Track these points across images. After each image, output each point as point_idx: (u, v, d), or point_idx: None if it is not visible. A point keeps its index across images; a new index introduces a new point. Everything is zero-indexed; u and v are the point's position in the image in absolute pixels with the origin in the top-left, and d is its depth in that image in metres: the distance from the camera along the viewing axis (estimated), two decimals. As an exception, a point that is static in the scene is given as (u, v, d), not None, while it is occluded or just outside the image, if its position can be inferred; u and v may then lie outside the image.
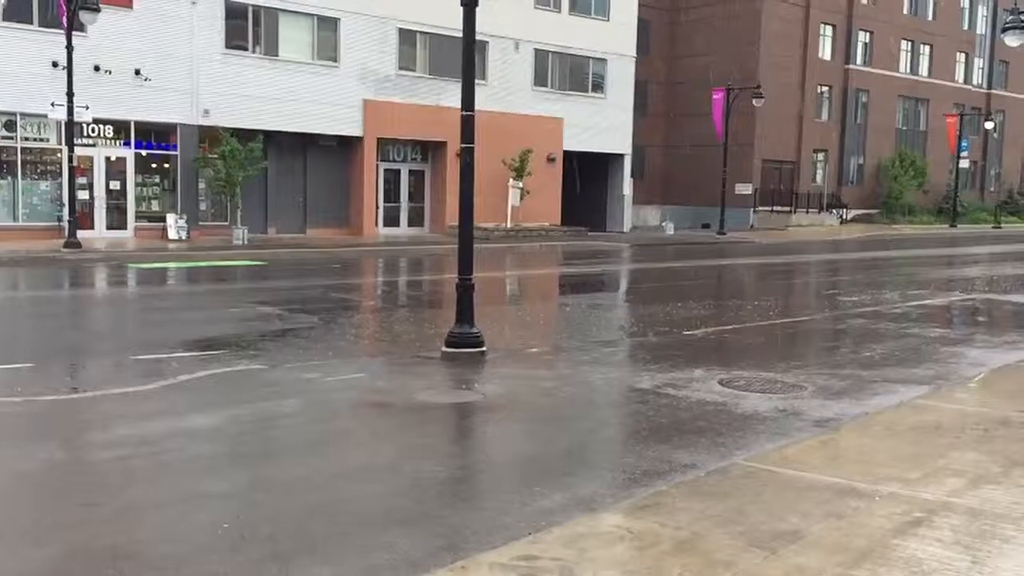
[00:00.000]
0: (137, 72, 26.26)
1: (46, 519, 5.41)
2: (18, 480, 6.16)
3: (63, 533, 5.17)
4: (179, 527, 5.27)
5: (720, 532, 4.83)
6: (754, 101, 39.59)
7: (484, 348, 10.51)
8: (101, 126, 26.32)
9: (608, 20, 37.48)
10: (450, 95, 28.60)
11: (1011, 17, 24.84)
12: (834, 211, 48.53)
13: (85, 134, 25.85)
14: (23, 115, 25.13)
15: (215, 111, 27.62)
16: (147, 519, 5.40)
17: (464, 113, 10.46)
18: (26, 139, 25.62)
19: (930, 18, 54.48)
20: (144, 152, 27.42)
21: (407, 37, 32.04)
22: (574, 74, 37.00)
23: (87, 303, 16.70)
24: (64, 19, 23.19)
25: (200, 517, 5.42)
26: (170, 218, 27.21)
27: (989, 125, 56.31)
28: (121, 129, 26.86)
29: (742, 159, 43.76)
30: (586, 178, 38.66)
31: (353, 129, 30.94)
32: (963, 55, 57.45)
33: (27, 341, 11.66)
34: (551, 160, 35.77)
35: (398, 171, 33.64)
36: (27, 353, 10.31)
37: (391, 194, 33.56)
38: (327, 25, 30.19)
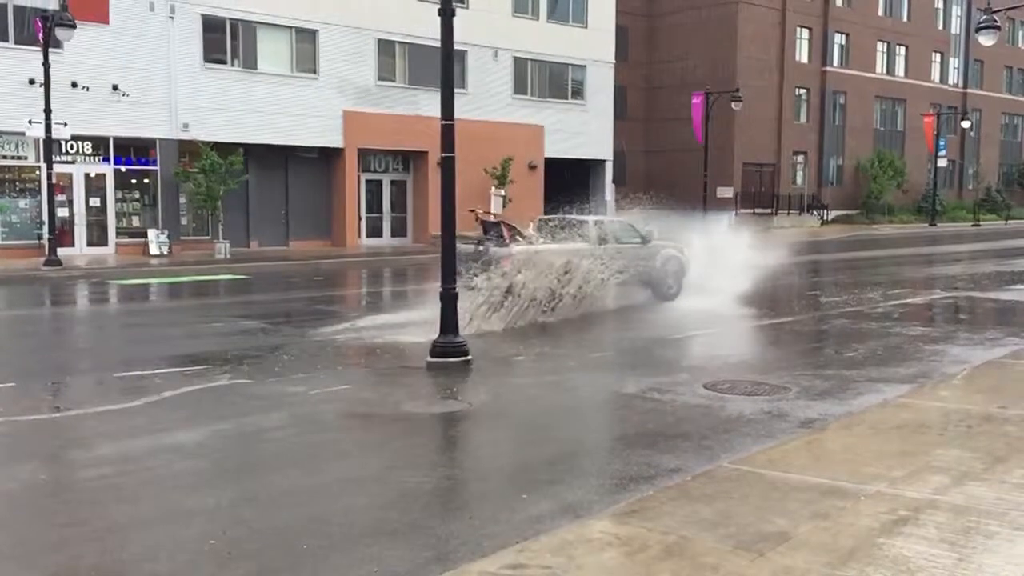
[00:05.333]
0: (115, 88, 26.11)
1: (30, 540, 5.36)
2: (1, 500, 6.10)
3: (47, 554, 5.12)
4: (165, 545, 5.24)
5: (707, 535, 4.84)
6: (733, 104, 39.79)
7: (469, 357, 10.51)
8: (80, 142, 26.16)
9: (586, 27, 37.61)
10: (430, 104, 28.58)
11: (985, 17, 25.11)
12: (815, 212, 48.81)
13: (64, 151, 25.69)
14: (0, 133, 24.94)
15: (194, 125, 27.51)
16: (132, 537, 5.36)
17: (444, 122, 10.48)
18: (4, 157, 25.42)
19: (905, 19, 54.96)
20: (124, 168, 27.27)
21: (386, 48, 32.04)
22: (553, 81, 37.09)
23: (69, 321, 16.57)
24: (40, 36, 23.04)
25: (186, 534, 5.39)
26: (151, 233, 27.07)
27: (966, 124, 56.76)
28: (100, 145, 26.70)
29: (723, 162, 43.97)
30: (567, 184, 38.68)
31: (333, 140, 30.88)
32: (938, 55, 57.96)
33: (8, 361, 11.56)
34: (532, 167, 35.83)
35: (380, 181, 33.61)
36: (8, 373, 10.22)
37: (373, 205, 33.51)
38: (305, 37, 30.14)
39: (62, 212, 25.41)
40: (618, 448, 7.35)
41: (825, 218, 48.79)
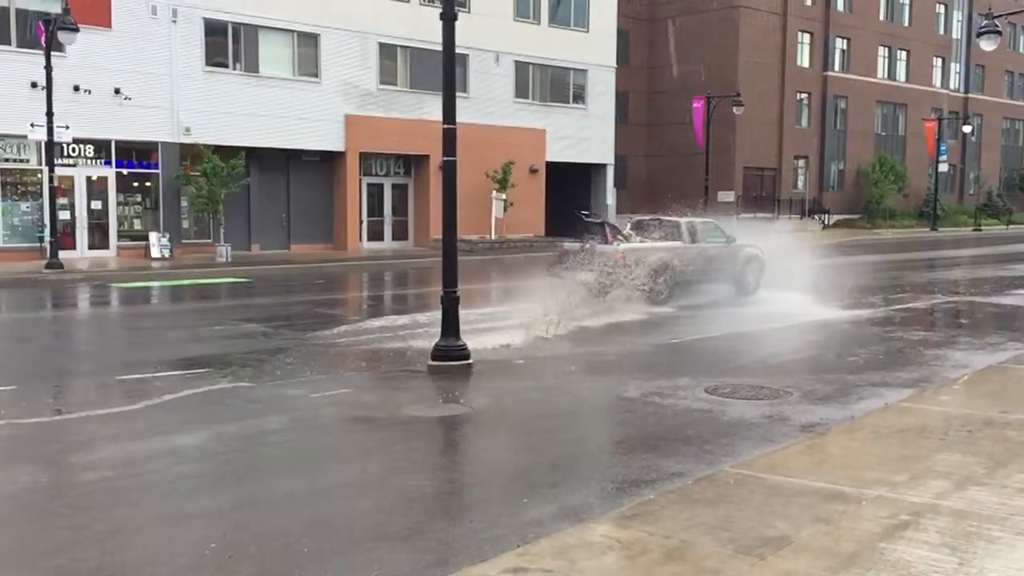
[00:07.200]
0: (117, 91, 26.14)
1: (31, 542, 5.36)
2: (2, 503, 6.10)
3: (48, 557, 5.12)
4: (166, 548, 5.24)
5: (708, 539, 4.84)
6: (734, 109, 39.80)
7: (470, 360, 10.52)
8: (82, 146, 26.18)
9: (588, 31, 37.63)
10: (432, 108, 28.63)
11: (986, 22, 25.12)
12: (816, 216, 48.79)
13: (66, 154, 25.71)
14: (2, 136, 24.96)
15: (196, 129, 27.54)
16: (133, 540, 5.36)
17: (446, 126, 10.49)
18: (6, 160, 25.44)
19: (906, 24, 55.00)
20: (125, 171, 27.28)
21: (388, 51, 32.06)
22: (555, 85, 37.10)
23: (70, 324, 16.59)
24: (43, 39, 23.09)
25: (187, 537, 5.39)
26: (153, 236, 27.08)
27: (967, 129, 56.79)
28: (102, 148, 26.72)
29: (724, 167, 43.96)
30: (569, 188, 38.71)
31: (335, 144, 30.90)
32: (939, 60, 57.98)
33: (10, 364, 11.56)
34: (534, 171, 35.84)
35: (381, 185, 33.62)
36: (10, 376, 10.23)
37: (375, 208, 33.51)
38: (307, 41, 30.17)
39: (64, 215, 25.42)
40: (619, 452, 7.35)
41: (826, 222, 48.76)
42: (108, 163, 26.91)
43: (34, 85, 24.07)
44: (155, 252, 26.80)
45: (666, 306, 16.14)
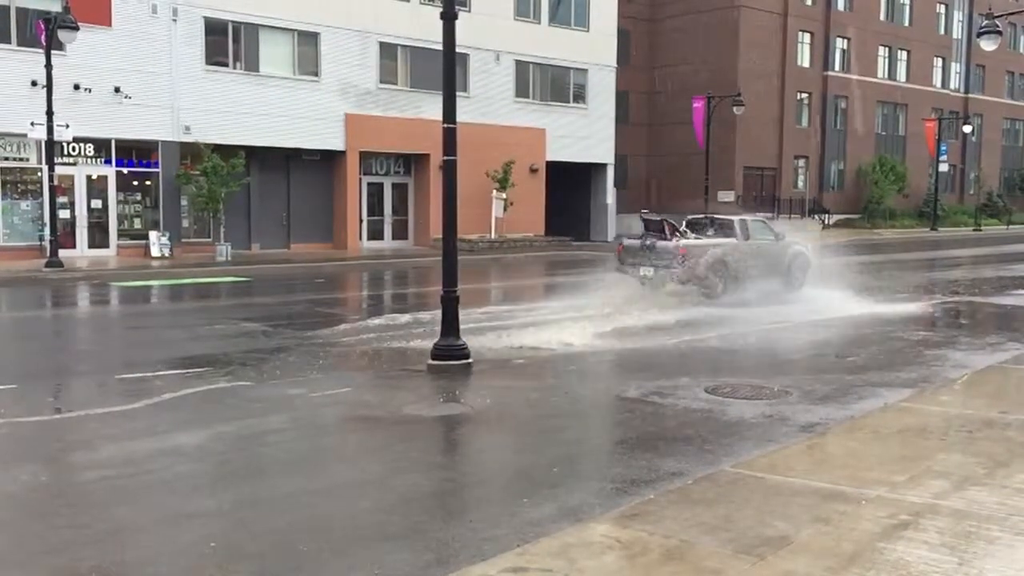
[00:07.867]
0: (117, 90, 26.13)
1: (31, 542, 5.36)
2: (2, 502, 6.10)
3: (48, 556, 5.12)
4: (166, 547, 5.24)
5: (708, 539, 4.84)
6: (734, 109, 39.77)
7: (470, 360, 10.52)
8: (82, 144, 26.17)
9: (588, 31, 37.63)
10: (432, 107, 28.61)
11: (986, 22, 25.12)
12: (816, 216, 48.76)
13: (66, 153, 25.71)
14: (2, 135, 24.96)
15: (196, 127, 27.53)
16: (133, 540, 5.36)
17: (446, 126, 10.49)
18: (6, 159, 25.43)
19: (907, 24, 54.97)
20: (126, 170, 27.28)
21: (388, 51, 32.06)
22: (555, 85, 37.09)
23: (70, 323, 16.58)
24: (43, 38, 23.09)
25: (187, 537, 5.39)
26: (153, 235, 27.08)
27: (967, 129, 56.75)
28: (102, 147, 26.72)
29: (724, 167, 43.94)
30: (569, 188, 38.71)
31: (335, 143, 30.90)
32: (940, 60, 57.95)
33: (9, 362, 11.56)
34: (534, 171, 35.83)
35: (381, 184, 33.62)
36: (10, 375, 10.23)
37: (375, 208, 33.52)
38: (307, 40, 30.17)
39: (64, 214, 25.41)
40: (619, 452, 7.35)
41: (826, 223, 48.73)
42: (108, 162, 26.91)
43: (34, 84, 24.06)
44: (155, 251, 26.80)
45: (713, 305, 16.18)
